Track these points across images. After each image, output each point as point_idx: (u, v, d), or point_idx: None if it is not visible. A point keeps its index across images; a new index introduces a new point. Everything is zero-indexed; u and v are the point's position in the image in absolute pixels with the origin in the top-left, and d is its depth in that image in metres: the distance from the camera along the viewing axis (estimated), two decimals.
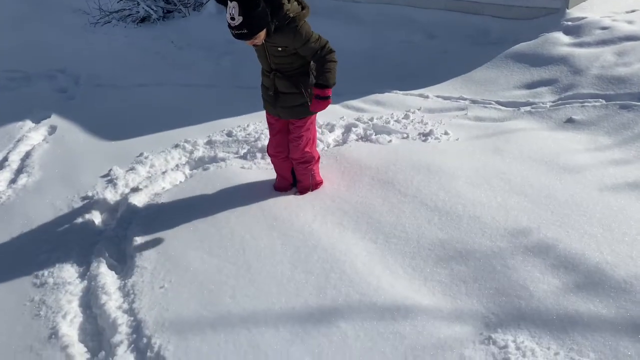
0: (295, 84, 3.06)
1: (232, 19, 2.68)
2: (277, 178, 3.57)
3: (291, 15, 2.82)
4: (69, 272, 2.99)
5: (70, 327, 2.58)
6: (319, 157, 3.48)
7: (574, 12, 5.70)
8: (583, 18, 5.55)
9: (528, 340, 2.17)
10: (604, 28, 5.30)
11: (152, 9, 9.80)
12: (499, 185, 3.26)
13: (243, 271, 2.78)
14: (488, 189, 3.22)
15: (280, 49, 2.94)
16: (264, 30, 2.78)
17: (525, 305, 2.33)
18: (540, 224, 2.83)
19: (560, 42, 5.34)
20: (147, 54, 7.94)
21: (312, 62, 3.03)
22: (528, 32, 5.74)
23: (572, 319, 2.23)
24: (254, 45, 2.90)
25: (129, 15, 10.05)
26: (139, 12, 9.91)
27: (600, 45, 5.06)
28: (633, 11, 5.64)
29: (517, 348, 2.13)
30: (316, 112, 3.17)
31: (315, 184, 3.49)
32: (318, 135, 4.41)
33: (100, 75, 6.83)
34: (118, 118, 5.20)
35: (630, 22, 5.29)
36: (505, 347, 2.15)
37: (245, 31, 2.71)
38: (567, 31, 5.49)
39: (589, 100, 4.38)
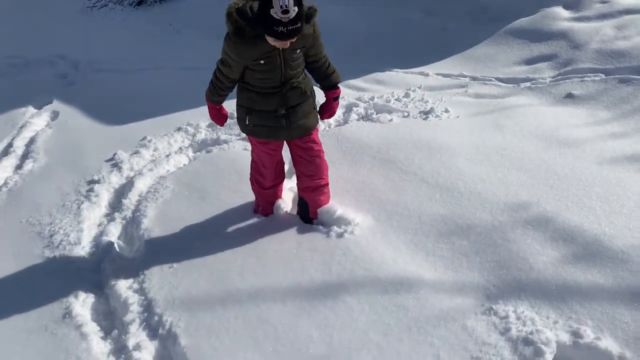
0: (306, 88, 2.74)
1: (286, 11, 2.24)
2: (264, 206, 3.11)
3: (307, 11, 2.44)
4: (79, 254, 3.05)
5: (82, 307, 2.65)
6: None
7: None
8: None
9: (528, 310, 2.24)
10: (603, 2, 5.29)
11: None
12: (499, 161, 3.30)
13: (250, 250, 2.84)
14: (488, 165, 3.27)
15: (298, 51, 2.58)
16: None
17: (525, 277, 2.40)
18: (539, 198, 2.88)
19: (560, 16, 5.34)
20: (145, 38, 7.92)
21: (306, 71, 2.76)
22: (528, 7, 5.73)
23: (571, 289, 2.30)
24: (267, 57, 2.51)
25: None
26: None
27: (600, 19, 5.06)
28: None
29: (518, 318, 2.20)
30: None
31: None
32: None
33: (100, 60, 6.83)
34: (119, 102, 5.22)
35: None
36: (506, 317, 2.22)
37: (299, 25, 2.31)
38: (567, 5, 5.48)
39: (589, 74, 4.40)
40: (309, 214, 3.02)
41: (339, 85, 2.94)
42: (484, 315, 2.25)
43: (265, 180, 3.00)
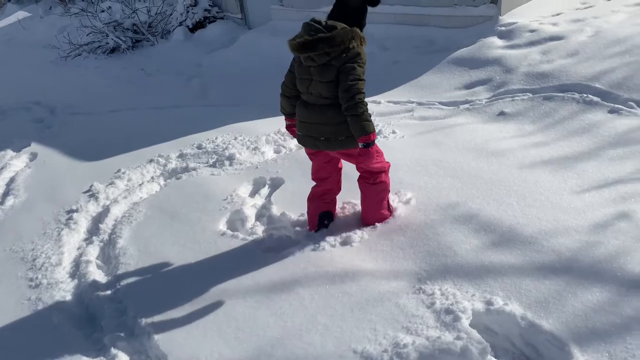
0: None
1: None
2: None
3: None
4: (60, 274, 3.36)
5: (64, 315, 2.95)
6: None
7: (506, 18, 6.32)
8: (514, 23, 6.16)
9: (451, 287, 2.63)
10: (532, 31, 5.91)
11: (121, 40, 10.23)
12: (435, 171, 3.75)
13: (214, 258, 3.20)
14: (425, 174, 3.71)
15: None
16: None
17: (450, 262, 2.80)
18: (466, 198, 3.31)
19: (494, 45, 5.93)
20: (118, 82, 8.35)
21: None
22: (468, 38, 6.32)
23: (487, 268, 2.70)
24: None
25: (99, 47, 10.45)
26: (108, 43, 10.32)
27: (529, 46, 5.66)
28: (558, 14, 6.28)
29: (442, 294, 2.59)
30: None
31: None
32: (280, 142, 4.88)
33: (75, 105, 7.21)
34: (95, 141, 5.58)
35: (554, 24, 5.91)
36: (432, 294, 2.60)
37: None
38: (501, 35, 6.09)
39: (518, 94, 4.94)
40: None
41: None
42: (415, 294, 2.63)
43: None
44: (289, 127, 3.28)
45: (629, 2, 6.25)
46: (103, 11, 11.21)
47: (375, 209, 3.21)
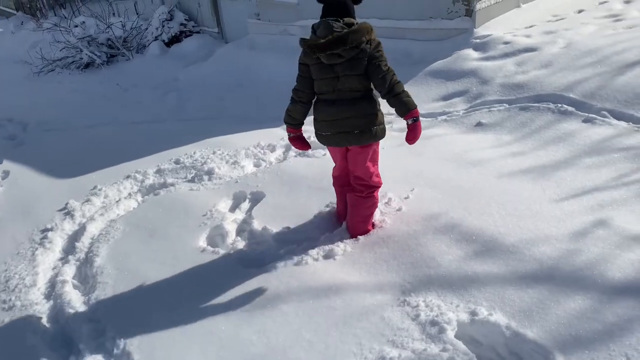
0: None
1: None
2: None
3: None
4: (35, 295, 3.25)
5: (39, 338, 2.85)
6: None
7: (480, 30, 6.43)
8: (489, 35, 6.27)
9: (435, 299, 2.62)
10: (506, 43, 6.02)
11: (96, 55, 10.11)
12: (416, 181, 3.76)
13: (195, 276, 3.14)
14: (407, 185, 3.71)
15: None
16: None
17: (434, 273, 2.79)
18: (448, 208, 3.32)
19: (470, 57, 6.02)
20: (93, 98, 8.24)
21: None
22: (443, 51, 6.41)
23: (470, 278, 2.70)
24: None
25: (73, 62, 10.32)
26: (82, 58, 10.20)
27: (503, 57, 5.75)
28: (531, 26, 6.42)
29: (427, 306, 2.58)
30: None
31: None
32: (260, 155, 4.85)
33: (49, 121, 7.07)
34: (70, 158, 5.47)
35: (528, 36, 6.04)
36: (417, 306, 2.59)
37: None
38: (476, 47, 6.19)
39: (495, 105, 5.01)
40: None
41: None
42: (399, 307, 2.61)
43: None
44: (294, 139, 3.23)
45: (598, 15, 6.43)
46: (77, 26, 11.09)
47: (363, 223, 3.24)
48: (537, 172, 3.67)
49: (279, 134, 5.37)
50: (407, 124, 3.02)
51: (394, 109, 2.98)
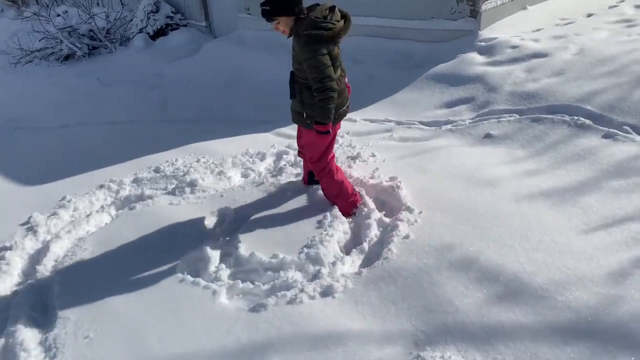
0: (299, 92, 3.15)
1: None
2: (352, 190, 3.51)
3: (310, 29, 2.91)
4: None
5: None
6: (330, 170, 3.38)
7: (486, 33, 6.04)
8: (494, 38, 5.89)
9: (455, 355, 2.23)
10: (513, 47, 5.64)
11: (77, 46, 9.57)
12: (423, 202, 3.36)
13: (170, 312, 2.70)
14: (413, 207, 3.31)
15: (294, 52, 3.08)
16: (286, 19, 2.95)
17: (451, 320, 2.40)
18: (462, 238, 2.93)
19: (475, 61, 5.63)
20: (71, 93, 7.71)
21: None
22: (446, 53, 6.01)
23: (495, 329, 2.31)
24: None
25: (52, 53, 9.76)
26: (62, 50, 9.65)
27: (511, 63, 5.37)
28: (538, 30, 6.05)
29: None
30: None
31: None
32: (249, 164, 4.41)
33: (20, 118, 6.56)
34: (39, 162, 4.99)
35: (536, 41, 5.66)
36: None
37: (268, 8, 2.92)
38: (481, 51, 5.80)
39: (504, 115, 4.63)
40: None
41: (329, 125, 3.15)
42: None
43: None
44: (330, 136, 3.28)
45: (609, 19, 6.08)
46: (58, 15, 10.50)
47: (338, 202, 3.42)
48: (558, 196, 3.29)
49: (270, 141, 4.94)
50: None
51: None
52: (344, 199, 3.41)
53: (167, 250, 3.22)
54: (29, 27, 10.56)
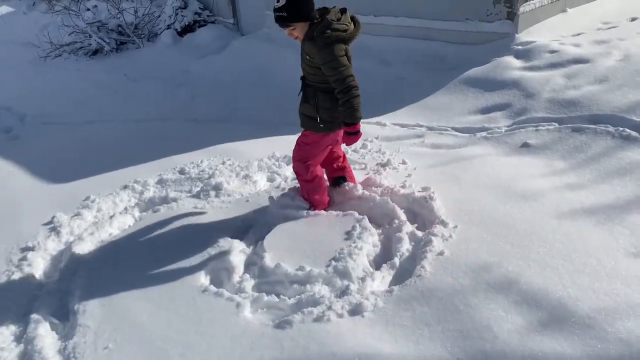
0: (313, 96, 3.11)
1: (278, 0, 2.87)
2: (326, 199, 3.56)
3: (329, 31, 2.89)
4: (3, 335, 2.74)
5: None
6: (312, 179, 3.39)
7: (523, 36, 5.81)
8: (532, 42, 5.66)
9: None
10: (552, 51, 5.40)
11: (105, 41, 9.61)
12: (457, 215, 3.19)
13: (194, 324, 2.60)
14: (447, 221, 3.14)
15: (308, 57, 3.03)
16: (302, 25, 2.92)
17: (490, 348, 2.23)
18: (500, 257, 2.76)
19: (511, 66, 5.42)
20: (99, 88, 7.74)
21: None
22: (481, 56, 5.81)
23: None
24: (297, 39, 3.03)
25: (81, 48, 9.83)
26: (91, 44, 9.70)
27: (550, 68, 5.15)
28: (579, 34, 5.80)
29: None
30: (348, 145, 3.34)
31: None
32: (275, 168, 4.30)
33: (48, 113, 6.58)
34: (65, 158, 4.97)
35: (576, 45, 5.42)
36: None
37: (285, 14, 2.88)
38: (518, 55, 5.58)
39: (543, 124, 4.41)
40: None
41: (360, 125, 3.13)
42: None
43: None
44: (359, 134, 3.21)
45: None
46: (88, 10, 10.56)
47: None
48: (603, 213, 3.08)
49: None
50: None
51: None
52: (311, 198, 3.46)
53: (190, 257, 3.12)
54: (59, 21, 10.64)
